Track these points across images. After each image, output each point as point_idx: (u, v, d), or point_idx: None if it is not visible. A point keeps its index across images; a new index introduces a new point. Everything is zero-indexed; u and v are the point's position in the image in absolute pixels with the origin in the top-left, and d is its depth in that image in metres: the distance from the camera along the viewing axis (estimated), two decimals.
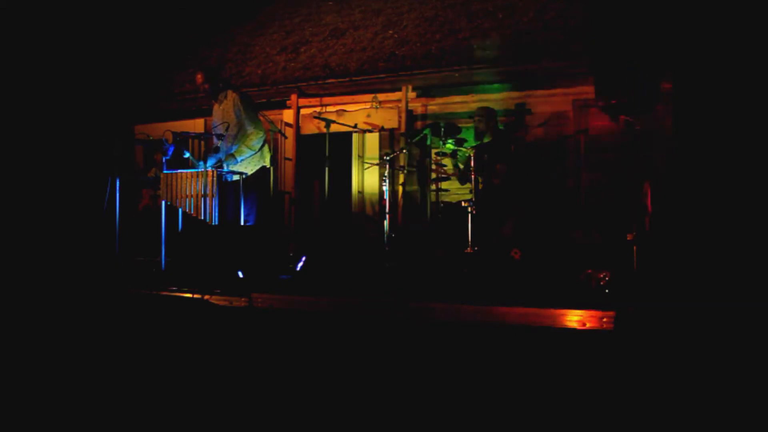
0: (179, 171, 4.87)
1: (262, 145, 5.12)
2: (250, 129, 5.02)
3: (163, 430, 2.58)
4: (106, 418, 2.65)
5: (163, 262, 4.91)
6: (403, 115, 6.33)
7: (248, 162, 5.09)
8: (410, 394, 2.74)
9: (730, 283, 3.51)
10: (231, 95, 5.10)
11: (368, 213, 6.74)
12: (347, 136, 6.85)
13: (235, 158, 5.00)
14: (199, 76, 5.20)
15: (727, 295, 3.33)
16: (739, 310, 2.99)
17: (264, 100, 7.04)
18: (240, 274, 4.48)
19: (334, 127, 5.69)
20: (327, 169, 5.52)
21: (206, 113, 5.55)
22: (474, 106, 5.95)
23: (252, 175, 5.13)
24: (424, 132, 5.07)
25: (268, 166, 5.29)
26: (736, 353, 2.67)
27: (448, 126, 4.99)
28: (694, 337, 2.82)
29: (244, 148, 5.00)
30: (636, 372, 2.67)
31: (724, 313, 2.97)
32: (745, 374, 2.56)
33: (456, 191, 5.78)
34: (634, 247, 3.78)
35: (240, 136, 5.04)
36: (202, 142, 5.13)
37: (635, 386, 2.59)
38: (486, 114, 5.32)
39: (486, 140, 5.28)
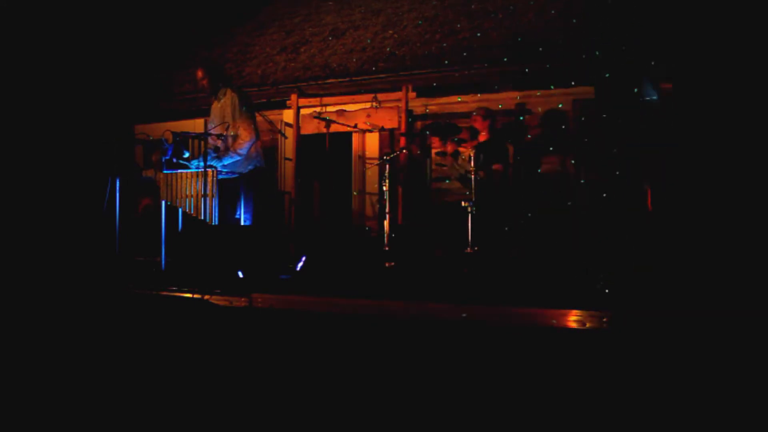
0: (179, 171, 4.86)
1: (247, 151, 4.94)
2: (240, 132, 4.88)
3: (163, 430, 2.57)
4: (106, 417, 2.65)
5: (163, 262, 4.91)
6: (403, 115, 6.33)
7: (240, 163, 4.98)
8: (410, 393, 2.74)
9: (730, 284, 3.51)
10: (230, 94, 4.99)
11: (368, 213, 6.74)
12: (347, 136, 6.85)
13: (221, 160, 4.88)
14: (199, 71, 5.10)
15: (727, 295, 3.33)
16: (738, 311, 2.99)
17: (264, 100, 7.03)
18: (240, 274, 4.48)
19: (334, 127, 5.69)
20: (327, 169, 5.51)
21: (206, 113, 5.52)
22: (474, 106, 5.95)
23: (248, 175, 5.06)
24: (425, 132, 5.08)
25: (264, 167, 5.22)
26: (734, 354, 2.68)
27: (448, 126, 5.00)
28: (693, 338, 2.83)
29: (231, 152, 4.89)
30: (635, 372, 2.68)
31: (723, 314, 2.97)
32: (744, 374, 2.56)
33: (456, 191, 5.78)
34: (634, 248, 3.78)
35: (231, 139, 4.92)
36: (202, 142, 5.12)
37: (634, 386, 2.59)
38: (483, 114, 5.33)
39: (482, 140, 5.29)
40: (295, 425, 2.55)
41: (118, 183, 5.11)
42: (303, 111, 6.88)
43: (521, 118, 6.05)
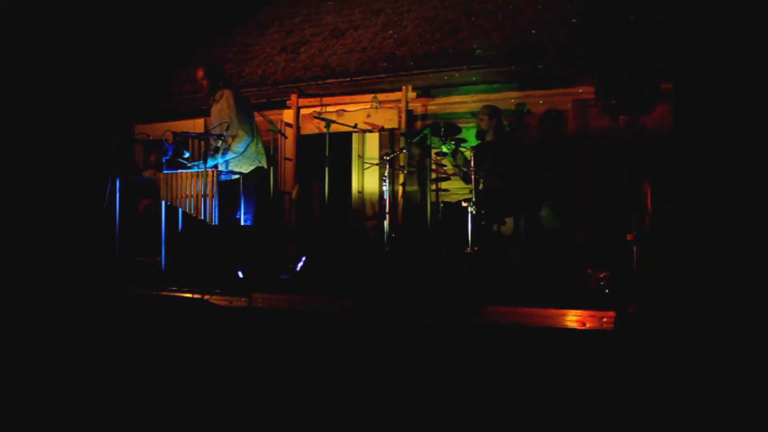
0: (179, 171, 4.86)
1: (245, 149, 4.96)
2: (237, 131, 4.90)
3: (163, 430, 2.57)
4: (106, 417, 2.65)
5: (163, 262, 4.91)
6: (403, 115, 6.33)
7: (240, 162, 5.05)
8: (410, 393, 2.74)
9: (730, 284, 3.51)
10: (226, 94, 4.99)
11: (368, 213, 6.74)
12: (347, 136, 6.85)
13: (223, 155, 4.90)
14: (200, 71, 5.14)
15: (727, 294, 3.33)
16: (738, 310, 2.99)
17: (264, 100, 7.04)
18: (240, 274, 4.48)
19: (334, 127, 5.69)
20: (327, 169, 5.51)
21: (206, 113, 5.53)
22: (474, 106, 5.96)
23: (249, 175, 5.09)
24: (425, 132, 5.07)
25: (266, 167, 5.25)
26: (735, 353, 2.67)
27: (447, 126, 5.00)
28: (693, 337, 2.82)
29: (229, 150, 4.91)
30: (636, 372, 2.67)
31: (722, 313, 2.97)
32: (745, 374, 2.56)
33: (456, 191, 5.78)
34: (634, 247, 3.78)
35: (230, 136, 4.95)
36: (202, 142, 5.13)
37: (635, 386, 2.58)
38: (489, 113, 5.29)
39: (488, 139, 5.27)
40: (294, 424, 2.55)
41: (118, 183, 5.11)
42: (303, 111, 6.89)
43: (521, 118, 6.06)
